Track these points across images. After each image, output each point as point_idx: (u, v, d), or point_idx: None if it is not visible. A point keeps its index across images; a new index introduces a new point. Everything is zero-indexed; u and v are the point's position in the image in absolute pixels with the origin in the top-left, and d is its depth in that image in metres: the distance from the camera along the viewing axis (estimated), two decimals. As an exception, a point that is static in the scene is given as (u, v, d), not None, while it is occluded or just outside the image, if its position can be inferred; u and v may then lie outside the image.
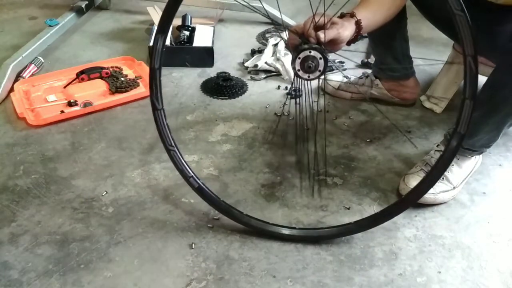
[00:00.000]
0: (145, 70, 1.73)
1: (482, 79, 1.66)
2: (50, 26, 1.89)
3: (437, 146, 1.24)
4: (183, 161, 1.01)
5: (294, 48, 0.97)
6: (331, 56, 1.75)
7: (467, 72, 0.82)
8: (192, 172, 1.02)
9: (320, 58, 0.91)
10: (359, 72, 1.73)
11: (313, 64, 0.92)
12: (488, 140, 1.15)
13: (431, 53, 1.98)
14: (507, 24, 1.08)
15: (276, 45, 1.89)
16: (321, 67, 0.92)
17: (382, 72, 1.53)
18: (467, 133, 0.87)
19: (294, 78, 0.98)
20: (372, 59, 1.73)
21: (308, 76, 0.93)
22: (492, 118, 1.09)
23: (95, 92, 1.58)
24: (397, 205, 1.04)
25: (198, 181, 1.03)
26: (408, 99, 1.57)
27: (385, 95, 1.56)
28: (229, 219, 1.08)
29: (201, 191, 1.04)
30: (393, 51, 1.46)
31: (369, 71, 1.65)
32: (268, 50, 1.86)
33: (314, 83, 1.72)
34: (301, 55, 0.92)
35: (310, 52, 0.91)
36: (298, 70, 0.93)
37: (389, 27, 1.20)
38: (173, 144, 0.99)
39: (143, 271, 0.98)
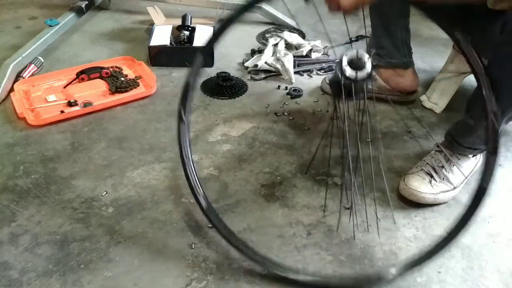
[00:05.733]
0: (145, 70, 1.73)
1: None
2: (50, 26, 1.89)
3: (437, 146, 1.24)
4: (197, 181, 1.01)
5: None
6: (331, 56, 1.73)
7: (489, 129, 0.85)
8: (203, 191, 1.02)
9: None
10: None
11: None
12: None
13: (431, 53, 1.98)
14: (498, 21, 1.09)
15: (276, 45, 1.89)
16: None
17: (381, 59, 1.51)
18: (488, 187, 0.88)
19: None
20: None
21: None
22: None
23: (95, 92, 1.57)
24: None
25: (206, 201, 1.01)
26: (407, 90, 1.55)
27: (383, 88, 1.54)
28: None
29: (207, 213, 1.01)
30: (393, 37, 1.45)
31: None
32: (268, 50, 1.86)
33: (315, 83, 1.72)
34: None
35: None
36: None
37: (391, 11, 1.18)
38: (189, 156, 1.00)
39: (143, 271, 0.98)
